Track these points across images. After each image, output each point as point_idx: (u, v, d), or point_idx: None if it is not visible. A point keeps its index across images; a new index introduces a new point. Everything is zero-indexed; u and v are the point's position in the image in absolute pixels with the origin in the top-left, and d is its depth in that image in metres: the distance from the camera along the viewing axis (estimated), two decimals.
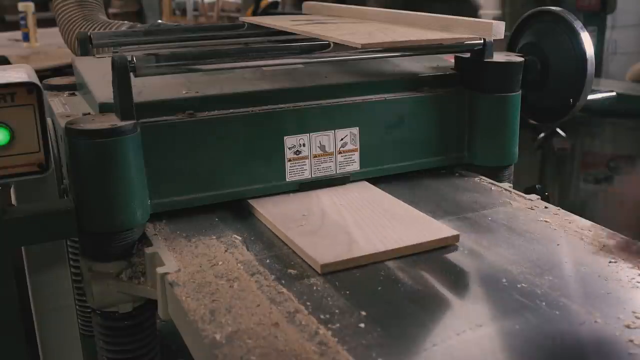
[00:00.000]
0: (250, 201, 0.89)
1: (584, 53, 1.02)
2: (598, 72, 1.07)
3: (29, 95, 0.74)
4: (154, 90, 0.87)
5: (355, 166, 0.94)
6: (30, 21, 3.36)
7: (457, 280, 0.71)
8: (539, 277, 0.70)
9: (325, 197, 0.90)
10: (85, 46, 1.20)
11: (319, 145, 0.91)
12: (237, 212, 0.88)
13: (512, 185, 1.00)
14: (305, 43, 0.97)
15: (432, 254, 0.77)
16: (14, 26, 3.86)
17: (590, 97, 1.08)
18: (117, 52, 1.20)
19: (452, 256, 0.76)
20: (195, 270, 0.72)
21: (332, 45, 0.94)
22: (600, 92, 1.16)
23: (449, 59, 1.07)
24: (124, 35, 1.29)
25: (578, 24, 1.04)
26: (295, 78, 0.96)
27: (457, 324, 0.62)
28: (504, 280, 0.70)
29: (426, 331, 0.61)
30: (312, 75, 0.98)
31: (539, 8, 1.11)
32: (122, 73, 0.77)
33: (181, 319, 0.67)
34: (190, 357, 0.65)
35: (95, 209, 0.78)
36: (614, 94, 1.16)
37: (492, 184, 0.98)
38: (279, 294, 0.67)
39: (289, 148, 0.89)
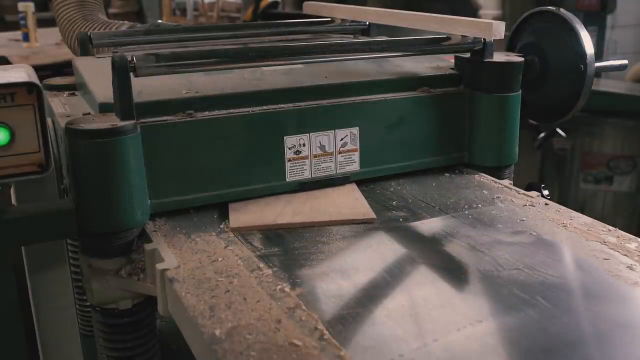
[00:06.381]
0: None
1: (584, 53, 1.02)
2: (598, 72, 1.06)
3: (29, 95, 0.74)
4: (154, 90, 0.87)
5: (355, 166, 0.94)
6: (30, 21, 3.37)
7: (457, 275, 0.71)
8: (538, 272, 0.71)
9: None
10: (85, 46, 1.20)
11: (319, 145, 0.91)
12: None
13: (512, 184, 1.00)
14: (304, 43, 0.97)
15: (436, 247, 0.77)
16: (14, 26, 3.87)
17: (600, 64, 1.07)
18: (117, 52, 1.20)
19: (454, 250, 0.77)
20: (195, 266, 0.72)
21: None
22: (611, 59, 1.15)
23: (449, 59, 1.07)
24: (124, 35, 1.29)
25: (578, 24, 1.04)
26: (295, 78, 0.96)
27: (456, 319, 0.62)
28: (503, 275, 0.70)
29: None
30: (312, 75, 0.98)
31: (539, 8, 1.11)
32: (122, 73, 0.77)
33: (181, 315, 0.67)
34: (191, 354, 0.65)
35: (95, 209, 0.78)
36: (625, 62, 1.14)
37: (493, 181, 0.98)
38: (278, 290, 0.68)
39: (289, 148, 0.89)
